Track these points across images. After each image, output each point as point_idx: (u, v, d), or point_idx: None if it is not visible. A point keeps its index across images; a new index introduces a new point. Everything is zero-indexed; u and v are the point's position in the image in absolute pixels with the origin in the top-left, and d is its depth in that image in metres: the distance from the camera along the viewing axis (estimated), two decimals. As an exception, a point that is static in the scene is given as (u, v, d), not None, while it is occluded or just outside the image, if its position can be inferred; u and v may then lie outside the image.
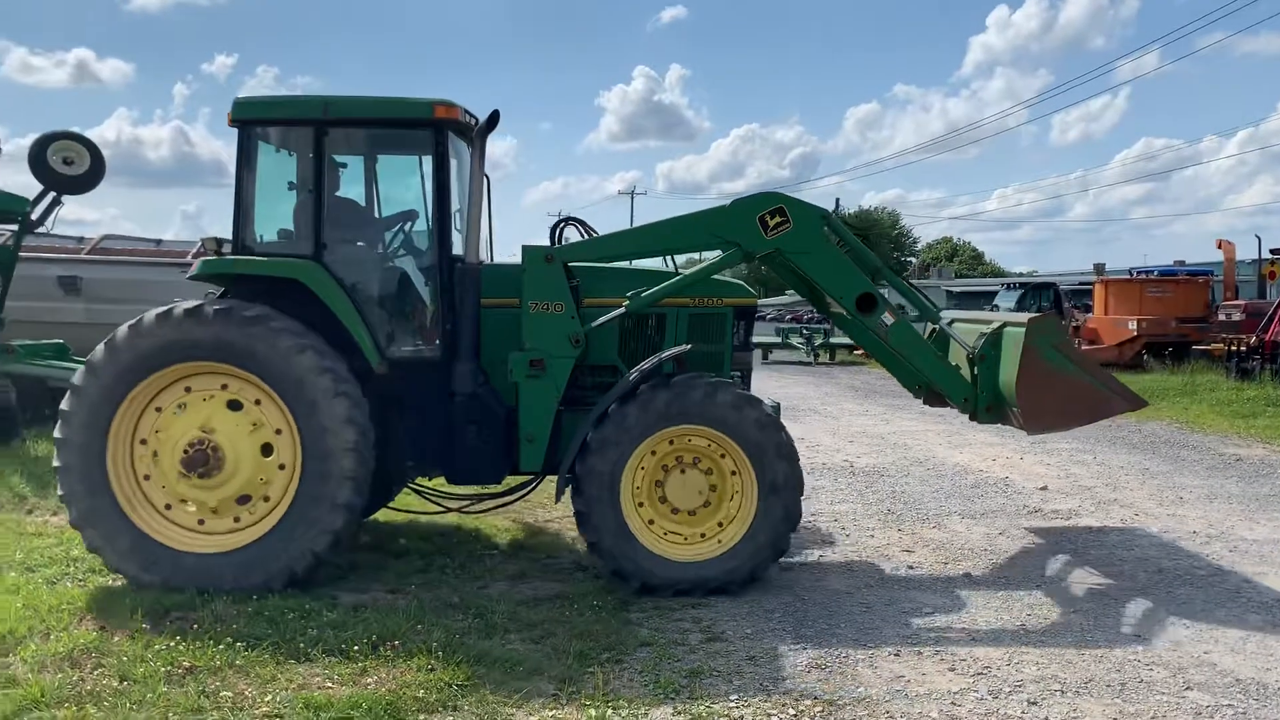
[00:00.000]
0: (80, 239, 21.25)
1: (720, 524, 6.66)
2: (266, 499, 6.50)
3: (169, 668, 5.11)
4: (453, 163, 7.15)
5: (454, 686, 5.00)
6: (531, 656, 5.46)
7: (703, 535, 6.66)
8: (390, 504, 8.32)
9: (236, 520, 6.52)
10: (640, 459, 6.55)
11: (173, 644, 5.38)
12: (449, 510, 8.14)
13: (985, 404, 7.43)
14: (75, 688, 4.90)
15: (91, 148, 12.89)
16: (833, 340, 33.76)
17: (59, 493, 6.53)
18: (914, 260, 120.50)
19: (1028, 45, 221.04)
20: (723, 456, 6.60)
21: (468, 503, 7.94)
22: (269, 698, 4.86)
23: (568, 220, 7.59)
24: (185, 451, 6.38)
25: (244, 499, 6.49)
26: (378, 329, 6.88)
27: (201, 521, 6.53)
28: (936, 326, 7.84)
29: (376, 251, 7.60)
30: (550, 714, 4.80)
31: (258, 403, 6.48)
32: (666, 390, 6.49)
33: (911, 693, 5.16)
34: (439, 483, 7.90)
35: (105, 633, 5.61)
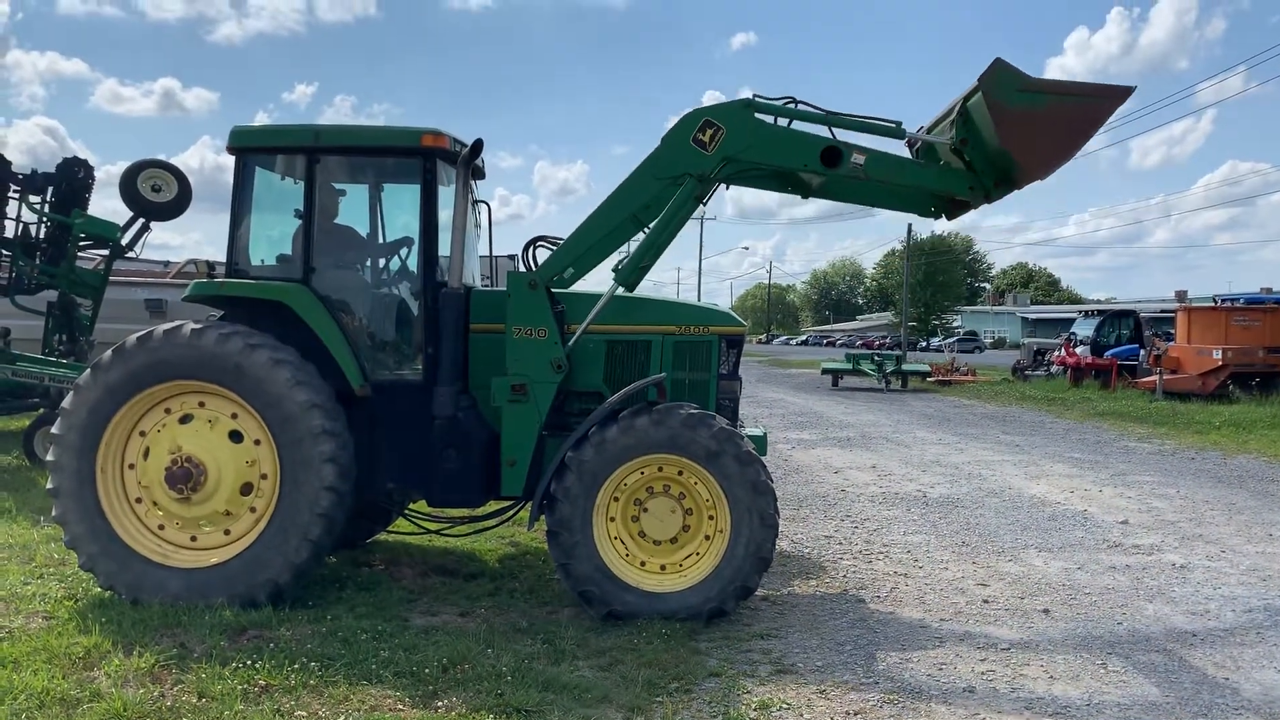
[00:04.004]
0: (166, 263, 21.98)
1: (691, 557, 6.61)
2: (253, 510, 6.64)
3: (246, 686, 5.21)
4: (450, 190, 7.23)
5: (523, 712, 5.01)
6: (600, 684, 5.44)
7: (677, 566, 6.61)
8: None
9: (227, 533, 6.66)
10: (615, 485, 6.53)
11: (249, 662, 5.48)
12: (427, 532, 8.32)
13: (992, 181, 7.01)
14: (156, 703, 5.01)
15: (179, 175, 13.34)
16: (905, 367, 33.42)
17: (53, 514, 6.72)
18: (988, 286, 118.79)
19: (1107, 68, 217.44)
20: (697, 485, 6.55)
21: (448, 525, 8.13)
22: (342, 718, 4.92)
23: (535, 241, 7.62)
24: (168, 469, 6.54)
25: (230, 513, 6.64)
26: (361, 352, 7.00)
27: (194, 538, 6.68)
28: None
29: (367, 277, 7.73)
30: (618, 743, 4.77)
31: (234, 416, 6.63)
32: (645, 417, 6.47)
33: (987, 731, 5.03)
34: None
35: (185, 649, 5.74)
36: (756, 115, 6.97)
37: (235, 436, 6.63)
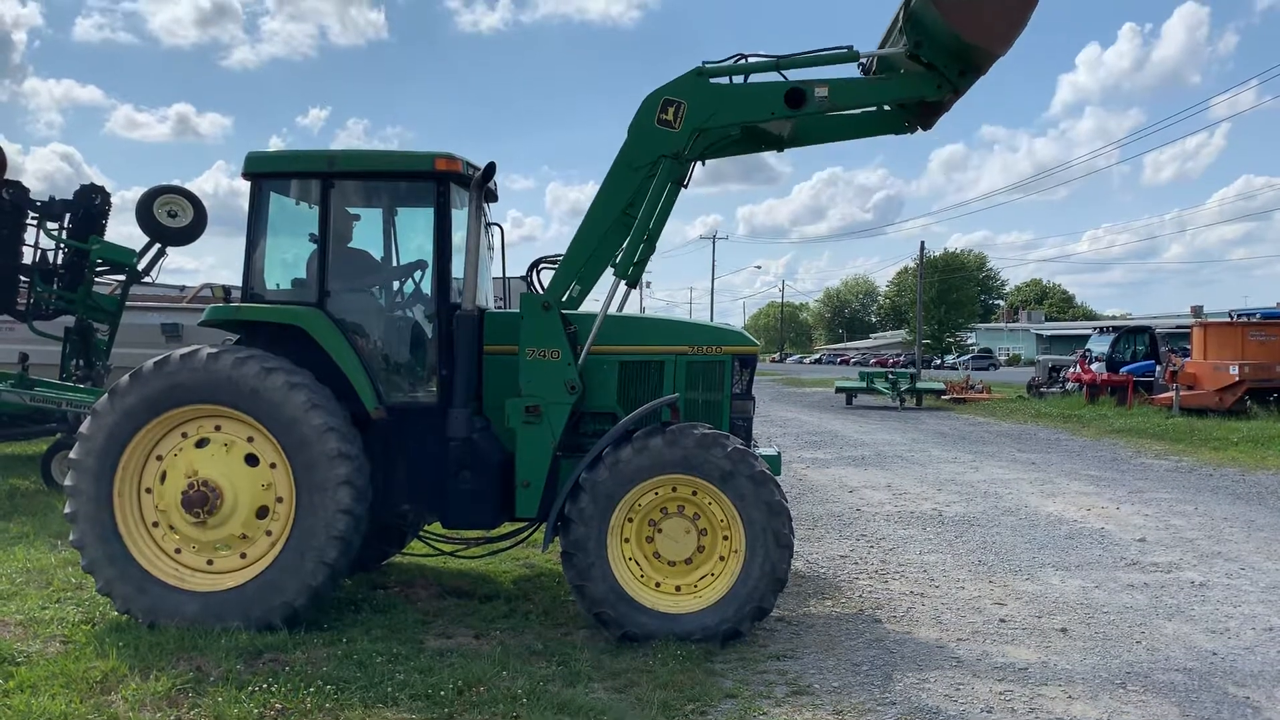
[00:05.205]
0: (182, 288, 22.12)
1: (706, 578, 6.60)
2: (269, 533, 6.66)
3: (262, 710, 5.21)
4: (463, 213, 7.27)
5: (538, 735, 5.00)
6: (615, 706, 5.43)
7: (692, 587, 6.60)
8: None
9: (243, 556, 6.68)
10: (630, 506, 6.54)
11: (265, 686, 5.48)
12: (442, 554, 8.34)
13: (954, 72, 6.82)
14: (172, 727, 5.02)
15: (195, 201, 13.47)
16: (919, 385, 33.33)
17: (71, 538, 6.75)
18: (1002, 303, 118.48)
19: (1119, 84, 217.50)
20: (711, 505, 6.55)
21: (462, 546, 8.15)
22: (357, 742, 4.91)
23: (538, 264, 7.63)
24: (184, 493, 6.57)
25: (246, 536, 6.67)
26: (376, 374, 7.03)
27: (210, 562, 6.70)
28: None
29: (381, 300, 7.77)
30: (634, 765, 4.75)
31: (250, 440, 6.67)
32: (659, 437, 6.48)
33: (1006, 752, 5.00)
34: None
35: (201, 673, 5.75)
36: (712, 80, 6.95)
37: (251, 460, 6.67)
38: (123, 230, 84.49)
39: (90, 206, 13.81)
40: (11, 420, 12.83)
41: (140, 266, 13.85)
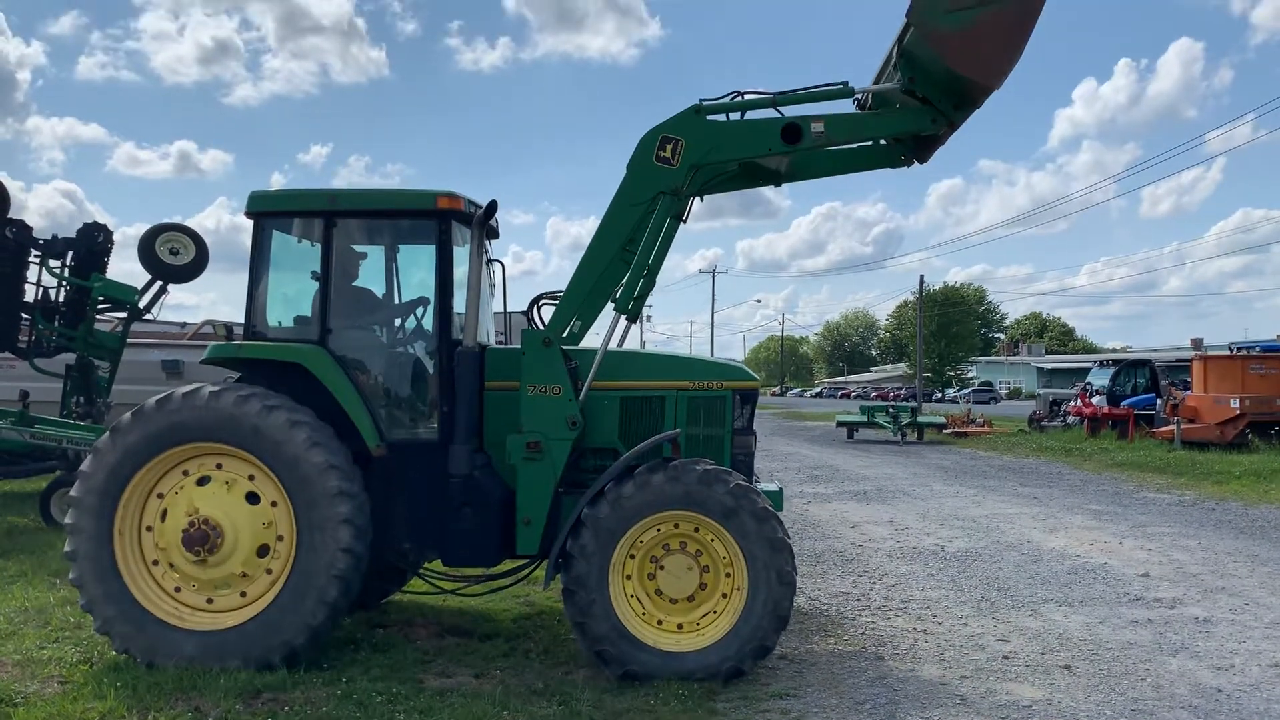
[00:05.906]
0: (183, 324, 22.16)
1: (708, 615, 6.57)
2: (269, 572, 6.64)
3: (260, 751, 5.16)
4: (464, 250, 7.30)
5: (539, 776, 4.96)
6: (617, 746, 5.38)
7: (694, 624, 6.56)
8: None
9: (243, 595, 6.65)
10: (631, 542, 6.51)
11: (264, 726, 5.44)
12: (442, 592, 8.27)
13: (950, 105, 6.85)
14: (170, 769, 4.97)
15: (197, 239, 13.54)
16: (920, 419, 33.30)
17: (70, 577, 6.73)
18: (1002, 337, 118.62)
19: (1116, 118, 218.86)
20: (714, 542, 6.52)
21: (463, 584, 8.10)
22: (357, 783, 4.86)
23: (539, 300, 7.67)
24: (185, 531, 6.56)
25: (246, 574, 6.64)
26: (378, 411, 7.05)
27: (210, 600, 6.67)
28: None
29: (383, 337, 7.79)
30: (636, 807, 4.70)
31: (251, 478, 6.67)
32: (660, 473, 6.47)
33: (1011, 792, 4.95)
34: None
35: (200, 713, 5.71)
36: (709, 118, 6.99)
37: (252, 498, 6.66)
38: (124, 267, 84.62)
39: (92, 244, 13.88)
40: (12, 458, 12.81)
41: (142, 304, 13.90)
